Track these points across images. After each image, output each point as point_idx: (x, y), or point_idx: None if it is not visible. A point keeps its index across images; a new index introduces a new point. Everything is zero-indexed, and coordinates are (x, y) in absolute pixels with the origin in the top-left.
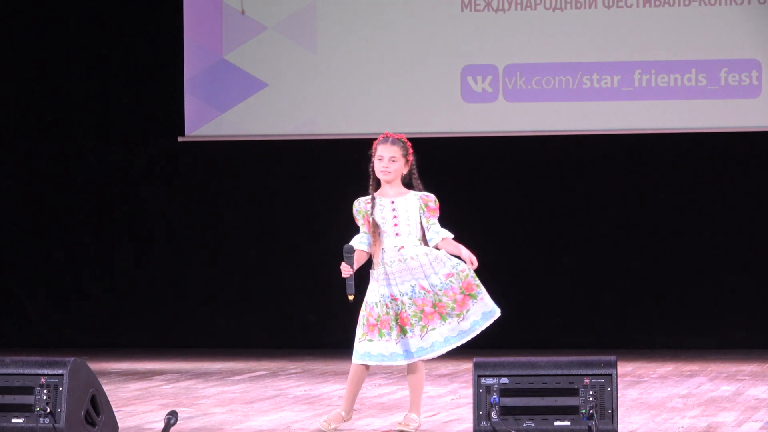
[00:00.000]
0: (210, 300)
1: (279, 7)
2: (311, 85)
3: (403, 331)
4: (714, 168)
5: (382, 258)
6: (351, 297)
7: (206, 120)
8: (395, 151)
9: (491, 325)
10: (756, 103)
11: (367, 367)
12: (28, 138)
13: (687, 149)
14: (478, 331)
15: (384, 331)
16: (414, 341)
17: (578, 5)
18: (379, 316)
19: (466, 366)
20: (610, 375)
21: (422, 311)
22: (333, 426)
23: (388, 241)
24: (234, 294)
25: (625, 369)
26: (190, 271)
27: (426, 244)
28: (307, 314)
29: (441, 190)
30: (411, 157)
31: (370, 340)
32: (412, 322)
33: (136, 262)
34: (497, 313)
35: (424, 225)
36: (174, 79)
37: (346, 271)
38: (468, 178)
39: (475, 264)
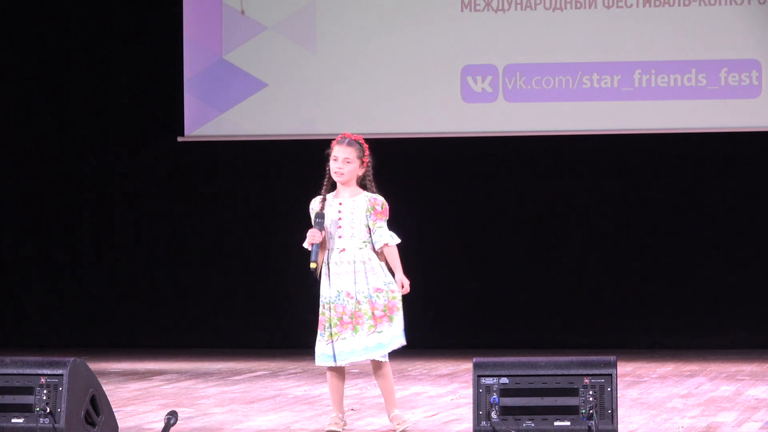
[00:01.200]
0: (210, 300)
1: (279, 7)
2: (311, 85)
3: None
4: (714, 168)
5: (327, 258)
6: (313, 265)
7: (206, 120)
8: (350, 153)
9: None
10: (756, 103)
11: (336, 369)
12: (28, 138)
13: (687, 149)
14: (381, 353)
15: (320, 331)
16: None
17: (578, 5)
18: (321, 317)
19: (466, 366)
20: (610, 375)
21: (340, 319)
22: (341, 426)
23: (331, 242)
24: (234, 294)
25: (625, 369)
26: (190, 271)
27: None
28: (307, 314)
29: (441, 190)
30: (367, 159)
31: (319, 342)
32: (331, 325)
33: (136, 262)
34: (403, 341)
35: (371, 227)
36: (174, 79)
37: (315, 237)
38: (468, 178)
39: (405, 290)
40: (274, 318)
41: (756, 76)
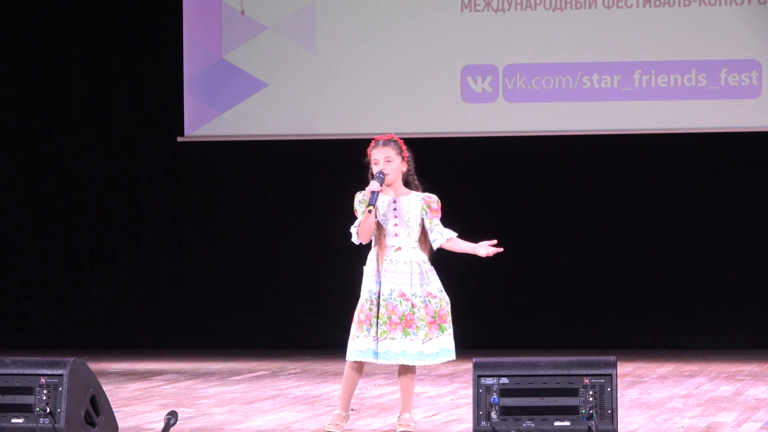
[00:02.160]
0: (210, 300)
1: (279, 7)
2: (311, 85)
3: (405, 333)
4: (714, 168)
5: (380, 255)
6: (371, 208)
7: (206, 120)
8: (389, 152)
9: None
10: (756, 103)
11: (359, 366)
12: (28, 138)
13: (687, 149)
14: (430, 363)
15: (365, 326)
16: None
17: (578, 5)
18: (364, 313)
19: (466, 366)
20: (610, 375)
21: (389, 318)
22: (341, 427)
23: (387, 240)
24: (234, 294)
25: (625, 369)
26: (190, 271)
27: (425, 246)
28: (307, 314)
29: (441, 190)
30: (407, 154)
31: (357, 337)
32: (379, 322)
33: (136, 262)
34: (453, 357)
35: (427, 226)
36: (173, 79)
37: (375, 186)
38: (468, 178)
39: (494, 250)
40: (274, 318)
41: (756, 76)
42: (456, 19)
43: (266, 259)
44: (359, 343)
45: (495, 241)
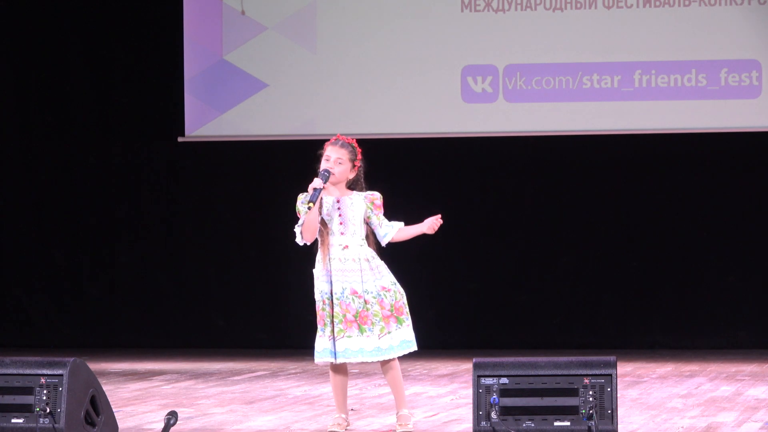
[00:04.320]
0: (210, 300)
1: (279, 7)
2: (311, 85)
3: (360, 330)
4: (714, 168)
5: (328, 255)
6: (310, 205)
7: (206, 120)
8: (342, 154)
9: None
10: (756, 104)
11: (337, 368)
12: (28, 138)
13: (687, 149)
14: (391, 356)
15: (320, 327)
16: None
17: (578, 5)
18: (318, 314)
19: (466, 366)
20: (610, 375)
21: (344, 316)
22: (344, 427)
23: (333, 239)
24: (234, 294)
25: (625, 369)
26: (190, 271)
27: (372, 243)
28: (307, 314)
29: (440, 190)
30: (359, 163)
31: (320, 338)
32: (335, 321)
33: (136, 262)
34: (414, 347)
35: (375, 223)
36: (174, 79)
37: (317, 183)
38: (468, 179)
39: (439, 221)
40: (274, 318)
41: (756, 77)
42: (456, 19)
43: (266, 259)
44: (317, 345)
45: (438, 216)
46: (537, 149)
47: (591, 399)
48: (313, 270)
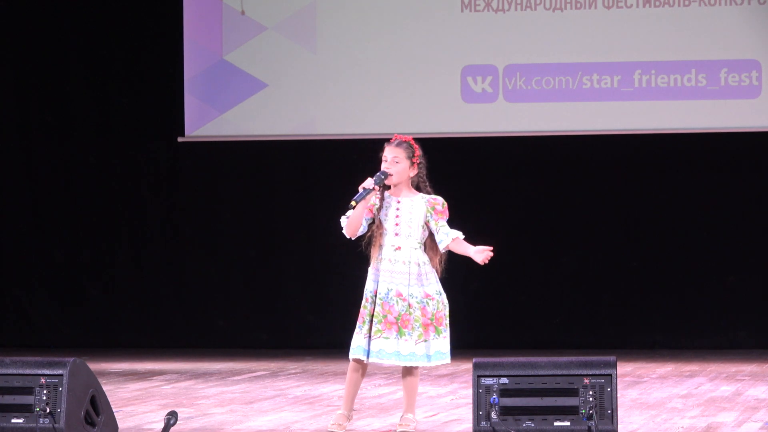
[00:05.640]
0: (210, 300)
1: (279, 7)
2: (311, 85)
3: (400, 333)
4: (714, 168)
5: (379, 254)
6: (353, 204)
7: (206, 120)
8: (398, 153)
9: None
10: (756, 104)
11: (358, 367)
12: (28, 138)
13: (687, 149)
14: (423, 365)
15: (359, 324)
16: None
17: (578, 5)
18: (361, 311)
19: (466, 366)
20: (610, 375)
21: (385, 317)
22: (344, 427)
23: (387, 239)
24: (234, 294)
25: (625, 369)
26: (190, 272)
27: (430, 249)
28: (307, 314)
29: (440, 191)
30: (417, 160)
31: (357, 334)
32: (374, 321)
33: (136, 263)
34: (448, 360)
35: (433, 228)
36: (174, 79)
37: (369, 183)
38: (468, 179)
39: (488, 254)
40: (274, 318)
41: (756, 77)
42: (456, 19)
43: (266, 259)
44: (353, 341)
45: (490, 248)
46: (537, 149)
47: (591, 399)
48: (369, 268)
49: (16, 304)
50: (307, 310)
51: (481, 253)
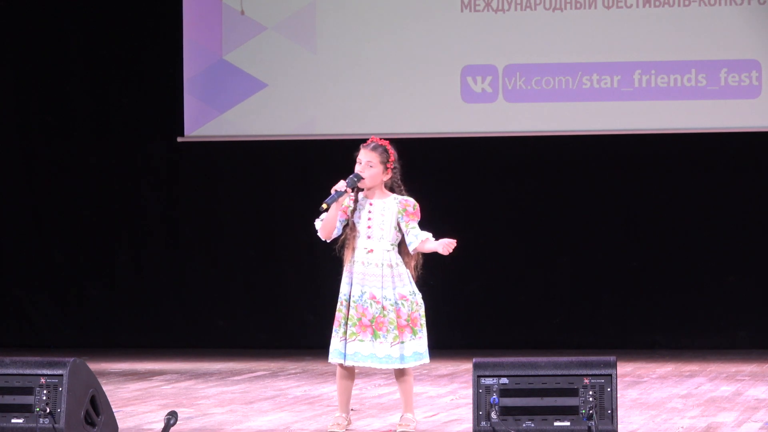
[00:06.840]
0: (210, 300)
1: (279, 7)
2: (311, 85)
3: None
4: (714, 168)
5: (352, 257)
6: (324, 206)
7: (206, 120)
8: (373, 157)
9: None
10: (756, 104)
11: (344, 370)
12: (28, 138)
13: (687, 149)
14: (402, 366)
15: (335, 328)
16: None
17: (578, 5)
18: (336, 314)
19: (466, 366)
20: (610, 375)
21: (359, 320)
22: (343, 427)
23: (359, 241)
24: (234, 294)
25: (625, 369)
26: (190, 272)
27: (402, 250)
28: (307, 314)
29: (440, 190)
30: (392, 165)
31: (333, 338)
32: (348, 324)
33: (136, 263)
34: (426, 360)
35: (404, 228)
36: (173, 79)
37: (341, 186)
38: (468, 179)
39: (453, 244)
40: (274, 318)
41: (756, 77)
42: (456, 19)
43: (266, 259)
44: (331, 344)
45: (454, 240)
46: (537, 149)
47: (591, 399)
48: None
49: (16, 304)
50: (307, 310)
51: (446, 246)
